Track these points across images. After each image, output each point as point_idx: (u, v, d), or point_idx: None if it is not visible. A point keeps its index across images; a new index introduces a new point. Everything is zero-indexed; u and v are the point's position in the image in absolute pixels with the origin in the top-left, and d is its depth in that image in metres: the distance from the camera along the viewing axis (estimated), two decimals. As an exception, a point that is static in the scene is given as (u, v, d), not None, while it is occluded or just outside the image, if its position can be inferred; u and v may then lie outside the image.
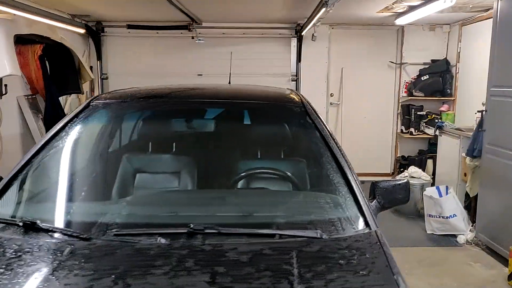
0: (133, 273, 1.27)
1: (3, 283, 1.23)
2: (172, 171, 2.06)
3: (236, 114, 2.15)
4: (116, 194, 1.87)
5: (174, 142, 2.16)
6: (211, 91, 2.34)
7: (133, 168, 1.98)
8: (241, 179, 2.01)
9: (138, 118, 2.21)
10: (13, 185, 1.78)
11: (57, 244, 1.43)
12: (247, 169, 1.98)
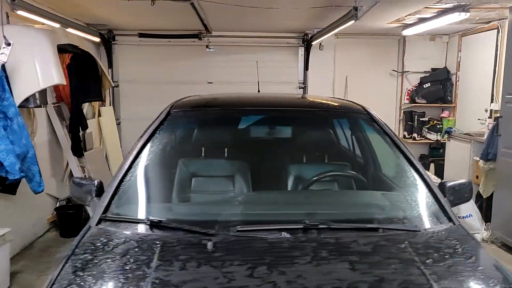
0: (281, 262, 1.42)
1: (175, 273, 1.36)
2: (250, 172, 2.21)
3: (309, 121, 2.33)
4: (218, 194, 2.01)
5: (252, 147, 2.32)
6: (281, 100, 2.51)
7: (227, 170, 2.13)
8: (318, 180, 2.18)
9: (215, 124, 2.35)
10: (121, 188, 1.91)
11: (192, 240, 1.57)
12: (326, 171, 2.16)
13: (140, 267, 1.43)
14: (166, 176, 2.08)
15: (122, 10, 4.90)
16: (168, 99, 6.58)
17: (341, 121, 2.41)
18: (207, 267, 1.41)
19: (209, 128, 2.37)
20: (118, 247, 1.58)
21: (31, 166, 3.38)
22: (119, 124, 6.66)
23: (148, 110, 6.69)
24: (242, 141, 2.33)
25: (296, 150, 2.34)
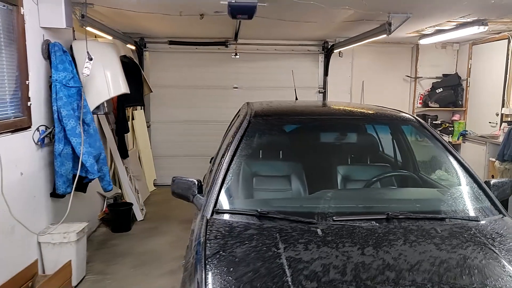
0: (382, 244, 1.82)
1: (301, 252, 1.76)
2: (331, 172, 2.61)
3: (372, 128, 2.74)
4: (309, 189, 2.41)
5: (326, 150, 2.72)
6: (346, 110, 2.91)
7: (304, 171, 2.53)
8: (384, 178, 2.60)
9: (291, 131, 2.74)
10: (225, 186, 2.29)
11: (303, 227, 1.97)
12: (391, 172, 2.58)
13: (270, 248, 1.82)
14: (258, 176, 2.48)
15: (158, 20, 5.24)
16: (195, 103, 7.08)
17: (397, 128, 2.83)
18: (326, 248, 1.80)
19: (285, 134, 2.75)
20: (243, 233, 1.96)
21: (103, 167, 3.76)
22: (149, 127, 7.02)
23: (176, 113, 7.15)
24: (317, 145, 2.72)
25: (363, 153, 2.75)
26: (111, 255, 4.22)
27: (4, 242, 2.90)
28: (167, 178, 7.04)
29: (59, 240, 3.34)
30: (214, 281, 1.63)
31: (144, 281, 3.64)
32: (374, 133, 2.80)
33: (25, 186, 3.16)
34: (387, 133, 2.82)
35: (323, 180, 2.52)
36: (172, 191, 2.53)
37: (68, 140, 3.43)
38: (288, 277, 1.61)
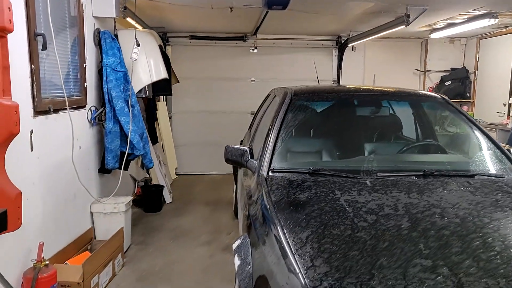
0: (424, 191, 2.14)
1: (356, 197, 2.07)
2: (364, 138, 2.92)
3: (403, 104, 3.07)
4: (349, 154, 2.73)
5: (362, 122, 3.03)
6: (377, 89, 3.24)
7: (343, 139, 2.85)
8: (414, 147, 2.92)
9: (327, 106, 3.06)
10: (276, 151, 2.61)
11: (354, 180, 2.28)
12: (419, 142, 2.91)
13: (328, 194, 2.13)
14: (304, 142, 2.80)
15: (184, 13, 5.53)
16: (214, 95, 7.40)
17: (424, 104, 3.16)
18: (376, 194, 2.12)
19: (325, 108, 3.07)
20: (301, 185, 2.27)
21: (145, 145, 4.07)
22: (170, 118, 7.33)
23: (196, 104, 7.47)
24: (354, 117, 3.04)
25: (393, 125, 3.07)
26: (148, 229, 4.52)
27: (68, 208, 3.20)
28: (188, 167, 7.45)
29: (110, 210, 3.65)
30: (286, 219, 1.93)
31: (183, 250, 3.94)
32: (404, 109, 3.12)
33: (83, 159, 3.47)
34: (416, 108, 3.14)
35: (361, 147, 2.84)
36: (226, 158, 2.82)
37: (117, 119, 3.75)
38: (350, 213, 1.92)
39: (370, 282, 1.47)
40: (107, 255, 3.18)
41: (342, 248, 1.66)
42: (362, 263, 1.56)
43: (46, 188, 2.84)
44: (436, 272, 1.52)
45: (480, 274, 1.50)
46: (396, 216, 1.90)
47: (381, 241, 1.72)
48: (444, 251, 1.63)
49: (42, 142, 2.77)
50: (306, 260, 1.60)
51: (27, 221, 2.56)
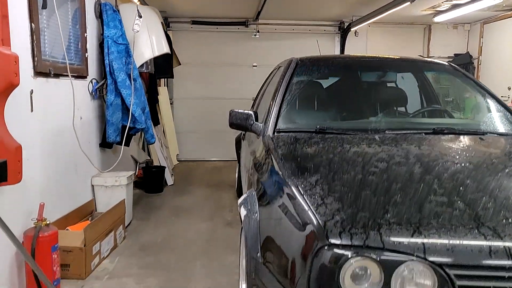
0: (436, 144, 2.09)
1: (366, 148, 2.01)
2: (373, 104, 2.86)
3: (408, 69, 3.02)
4: (355, 116, 2.67)
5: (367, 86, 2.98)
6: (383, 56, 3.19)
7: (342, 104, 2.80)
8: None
9: (334, 69, 3.00)
10: (281, 113, 2.55)
11: (362, 136, 2.23)
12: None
13: (337, 147, 2.08)
14: (310, 104, 2.74)
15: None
16: (216, 81, 7.34)
17: (431, 71, 3.11)
18: (386, 146, 2.06)
19: (330, 72, 3.01)
20: (308, 141, 2.21)
21: (147, 120, 4.01)
22: (172, 104, 7.27)
23: (197, 90, 7.42)
24: (360, 83, 2.99)
25: (399, 91, 3.01)
26: (149, 207, 4.47)
27: (69, 177, 3.15)
28: (189, 153, 7.39)
29: (111, 183, 3.59)
30: (293, 167, 1.87)
31: (185, 224, 3.89)
32: (411, 76, 3.07)
33: (84, 130, 3.41)
34: (422, 75, 3.08)
35: (368, 111, 2.78)
36: (231, 122, 2.76)
37: (119, 92, 3.69)
38: (360, 161, 1.87)
39: (384, 215, 1.42)
40: (108, 224, 3.13)
41: (353, 189, 1.61)
42: (376, 201, 1.51)
43: (46, 152, 2.78)
44: (452, 207, 1.46)
45: (498, 209, 1.44)
46: (408, 164, 1.84)
47: (394, 182, 1.67)
48: (459, 190, 1.57)
49: (43, 105, 2.71)
50: (316, 199, 1.55)
51: (28, 182, 2.51)
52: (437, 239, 1.31)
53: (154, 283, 2.74)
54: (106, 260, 3.09)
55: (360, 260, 1.31)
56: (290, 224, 1.55)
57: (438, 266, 1.27)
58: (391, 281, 1.29)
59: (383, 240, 1.32)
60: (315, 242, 1.36)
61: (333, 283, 1.31)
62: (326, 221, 1.41)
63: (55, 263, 2.41)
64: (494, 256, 1.27)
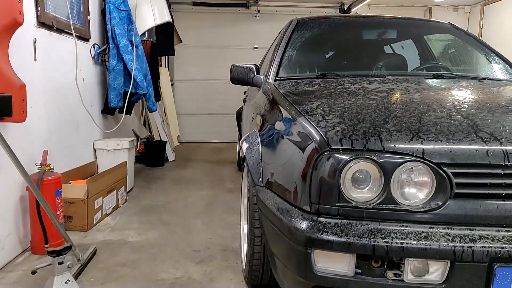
0: (437, 83, 2.10)
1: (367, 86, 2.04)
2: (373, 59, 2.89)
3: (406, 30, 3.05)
4: (356, 66, 2.69)
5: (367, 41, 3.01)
6: (385, 16, 3.21)
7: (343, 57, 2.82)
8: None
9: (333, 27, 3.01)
10: (283, 63, 2.57)
11: (361, 79, 2.25)
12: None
13: (338, 86, 2.09)
14: (308, 56, 2.76)
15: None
16: (216, 63, 7.36)
17: (431, 29, 3.14)
18: (386, 84, 2.08)
19: (330, 28, 3.02)
20: (309, 83, 2.23)
21: (149, 87, 4.03)
22: (173, 85, 7.29)
23: (198, 72, 7.44)
24: (361, 39, 3.00)
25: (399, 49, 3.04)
26: (150, 178, 4.50)
27: (72, 136, 3.17)
28: (190, 135, 7.42)
29: (113, 147, 3.61)
30: (295, 98, 1.89)
31: (186, 191, 3.91)
32: (411, 34, 3.08)
33: (86, 94, 3.43)
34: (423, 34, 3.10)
35: (368, 62, 2.80)
36: (232, 77, 2.77)
37: (121, 57, 3.71)
38: (361, 93, 1.89)
39: (384, 125, 1.44)
40: (111, 181, 3.15)
41: (354, 109, 1.63)
42: (376, 116, 1.53)
43: (50, 105, 2.80)
44: (451, 119, 1.49)
45: (495, 120, 1.47)
46: (408, 92, 1.87)
47: (393, 103, 1.69)
48: (458, 108, 1.60)
49: (46, 57, 2.73)
50: (317, 117, 1.57)
51: (32, 130, 2.54)
52: (435, 141, 1.34)
53: (155, 235, 2.76)
54: (108, 217, 3.11)
55: (360, 163, 1.33)
56: (291, 141, 1.57)
57: (436, 165, 1.30)
58: (391, 182, 1.31)
59: (383, 144, 1.35)
60: (316, 150, 1.38)
61: (334, 188, 1.33)
62: (327, 131, 1.43)
63: (59, 208, 2.43)
64: (491, 156, 1.29)
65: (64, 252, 1.71)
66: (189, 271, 2.22)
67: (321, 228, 1.31)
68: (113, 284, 2.06)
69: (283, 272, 1.54)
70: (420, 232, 1.27)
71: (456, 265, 1.23)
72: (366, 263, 1.30)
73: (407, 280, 1.27)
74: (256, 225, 1.79)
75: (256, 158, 1.86)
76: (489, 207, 1.28)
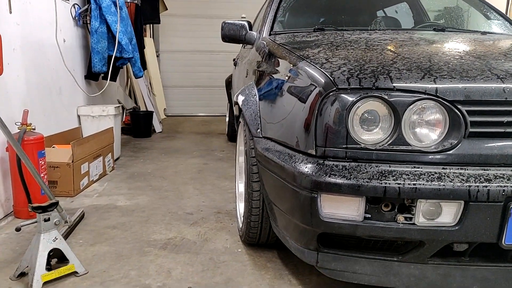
0: (438, 34, 2.02)
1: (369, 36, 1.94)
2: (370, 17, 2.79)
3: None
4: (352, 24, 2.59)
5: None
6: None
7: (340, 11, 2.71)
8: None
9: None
10: (278, 18, 2.46)
11: (361, 31, 2.15)
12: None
13: (337, 37, 1.99)
14: (304, 11, 2.64)
15: None
16: (203, 34, 7.11)
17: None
18: (387, 35, 1.98)
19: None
20: (306, 36, 2.12)
21: (134, 52, 3.86)
22: (158, 57, 7.07)
23: (183, 43, 7.22)
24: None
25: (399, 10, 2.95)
26: (138, 148, 4.37)
27: (54, 99, 3.02)
28: (177, 108, 7.25)
29: (98, 113, 3.46)
30: (293, 47, 1.78)
31: (176, 160, 3.81)
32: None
33: (67, 55, 3.26)
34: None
35: (366, 17, 2.69)
36: (223, 35, 2.66)
37: (104, 18, 3.51)
38: (362, 40, 1.79)
39: (393, 65, 1.36)
40: (97, 147, 3.02)
41: (358, 53, 1.54)
42: (383, 58, 1.44)
43: (29, 62, 2.63)
44: (463, 59, 1.41)
45: (509, 60, 1.39)
46: (412, 40, 1.78)
47: (399, 48, 1.61)
48: (468, 51, 1.52)
49: (23, 11, 2.55)
50: (320, 60, 1.48)
51: (10, 89, 2.38)
52: (449, 79, 1.26)
53: (146, 200, 2.67)
54: (95, 184, 2.99)
55: (370, 102, 1.25)
56: (292, 86, 1.48)
57: (450, 103, 1.22)
58: (402, 122, 1.23)
59: (393, 82, 1.26)
60: (322, 91, 1.29)
61: (341, 129, 1.25)
62: (333, 72, 1.34)
63: (43, 170, 2.31)
64: (508, 92, 1.22)
65: (50, 208, 1.61)
66: (183, 232, 2.14)
67: (328, 171, 1.23)
68: (103, 245, 1.97)
69: (285, 224, 1.47)
70: (433, 173, 1.20)
71: (470, 205, 1.17)
72: (376, 207, 1.23)
73: (418, 223, 1.21)
74: (254, 179, 1.70)
75: (253, 109, 1.76)
76: (504, 146, 1.22)
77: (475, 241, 1.21)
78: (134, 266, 1.77)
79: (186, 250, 1.93)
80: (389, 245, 1.34)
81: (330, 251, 1.34)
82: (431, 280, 1.28)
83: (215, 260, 1.83)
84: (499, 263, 1.27)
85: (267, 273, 1.72)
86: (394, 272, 1.30)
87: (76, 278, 1.67)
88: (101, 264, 1.79)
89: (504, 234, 1.18)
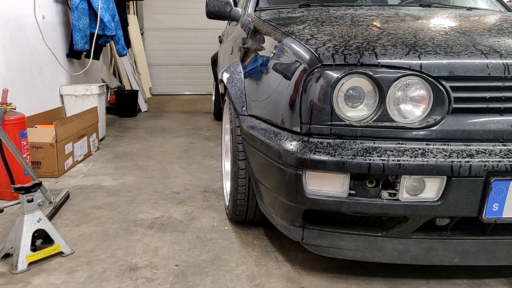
0: (425, 10, 2.00)
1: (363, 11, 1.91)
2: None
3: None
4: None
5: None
6: None
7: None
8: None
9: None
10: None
11: (347, 6, 2.12)
12: None
13: (323, 13, 1.96)
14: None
15: None
16: (187, 11, 6.95)
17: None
18: (373, 11, 1.96)
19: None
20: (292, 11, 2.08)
21: (117, 30, 3.77)
22: (142, 34, 6.93)
23: (168, 21, 7.07)
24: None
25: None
26: (123, 127, 4.32)
27: (35, 78, 2.94)
28: (162, 87, 7.16)
29: (81, 93, 3.40)
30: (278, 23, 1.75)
31: (162, 139, 3.78)
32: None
33: (47, 32, 3.17)
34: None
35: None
36: (208, 11, 2.58)
37: (84, -6, 3.41)
38: (348, 16, 1.77)
39: (378, 41, 1.35)
40: (81, 126, 2.97)
41: (344, 29, 1.52)
42: (368, 34, 1.43)
43: (7, 39, 2.56)
44: (447, 35, 1.40)
45: (493, 35, 1.40)
46: (398, 17, 1.77)
47: (385, 24, 1.59)
48: (453, 26, 1.51)
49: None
50: (305, 36, 1.46)
51: (-12, 68, 2.31)
52: (433, 55, 1.26)
53: (132, 180, 2.65)
54: (80, 164, 2.96)
55: (355, 78, 1.24)
56: (277, 63, 1.46)
57: (434, 79, 1.22)
58: (386, 98, 1.23)
59: (378, 58, 1.25)
60: (307, 67, 1.28)
61: (326, 106, 1.24)
62: (318, 48, 1.33)
63: (25, 151, 2.27)
64: (491, 68, 1.22)
65: (33, 189, 1.58)
66: (169, 211, 2.14)
67: (312, 148, 1.23)
68: (89, 225, 1.96)
69: (271, 201, 1.48)
70: (417, 149, 1.21)
71: (453, 180, 1.19)
72: (360, 183, 1.24)
73: (402, 199, 1.22)
74: (240, 157, 1.70)
75: (238, 87, 1.74)
76: (486, 122, 1.23)
77: (457, 215, 1.24)
78: (121, 245, 1.77)
79: (173, 229, 1.93)
80: (373, 221, 1.36)
81: (315, 228, 1.35)
82: (414, 254, 1.31)
83: (202, 238, 1.84)
84: (479, 236, 1.30)
85: (253, 250, 1.74)
86: (378, 247, 1.32)
87: (62, 258, 1.66)
88: (87, 244, 1.78)
89: (485, 208, 1.20)
